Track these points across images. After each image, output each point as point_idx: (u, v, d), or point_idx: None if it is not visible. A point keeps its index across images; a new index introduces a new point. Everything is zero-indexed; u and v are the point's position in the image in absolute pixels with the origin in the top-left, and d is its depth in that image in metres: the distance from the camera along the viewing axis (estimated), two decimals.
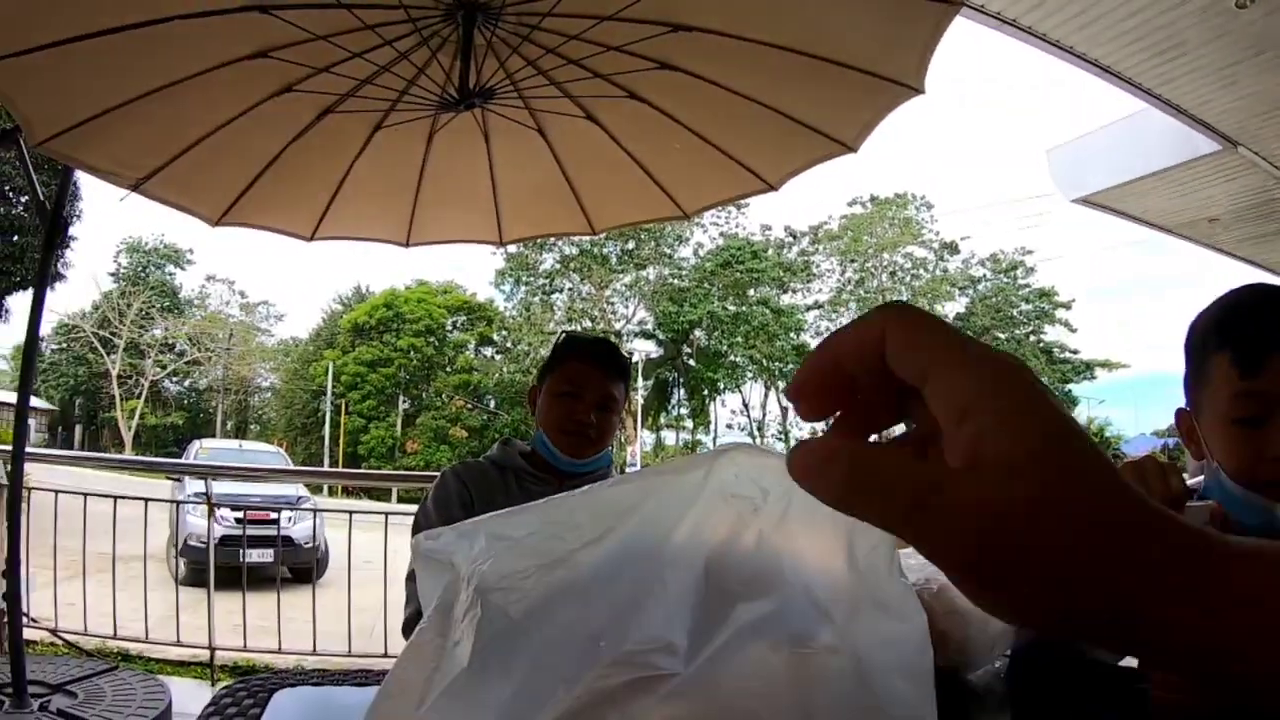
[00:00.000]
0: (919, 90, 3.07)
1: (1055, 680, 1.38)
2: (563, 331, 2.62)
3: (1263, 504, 1.26)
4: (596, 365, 2.49)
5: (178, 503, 10.46)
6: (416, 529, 2.17)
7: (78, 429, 50.17)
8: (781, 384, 45.66)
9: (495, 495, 2.42)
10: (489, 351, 46.75)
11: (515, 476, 2.50)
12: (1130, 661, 1.43)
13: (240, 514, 9.00)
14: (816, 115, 3.42)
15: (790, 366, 44.78)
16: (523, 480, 2.49)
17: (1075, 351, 44.15)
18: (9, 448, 4.45)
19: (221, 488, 10.52)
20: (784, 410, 47.58)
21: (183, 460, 16.80)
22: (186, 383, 51.27)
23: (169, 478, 11.46)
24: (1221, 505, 1.20)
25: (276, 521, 10.09)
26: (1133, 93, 7.84)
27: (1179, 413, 1.46)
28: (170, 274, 50.37)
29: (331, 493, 25.93)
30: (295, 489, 12.34)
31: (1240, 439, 1.30)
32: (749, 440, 45.66)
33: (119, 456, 31.68)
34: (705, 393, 46.37)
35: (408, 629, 2.10)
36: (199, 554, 7.95)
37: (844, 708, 0.78)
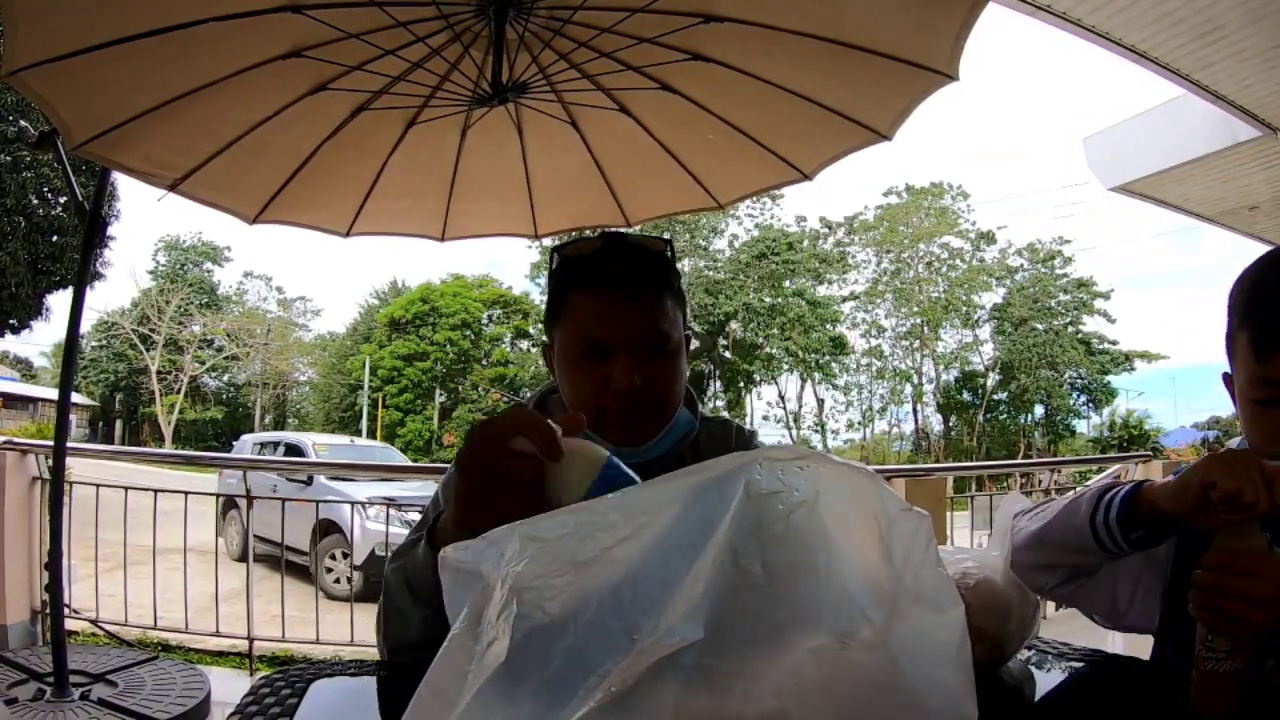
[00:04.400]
0: (953, 77, 3.03)
1: (1091, 679, 1.37)
2: (553, 248, 1.71)
3: None
4: (621, 292, 1.58)
5: (354, 503, 8.83)
6: (436, 503, 1.66)
7: (118, 424, 50.94)
8: (818, 375, 45.61)
9: None
10: (525, 344, 46.97)
11: None
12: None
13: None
14: (850, 104, 3.39)
15: (826, 358, 44.72)
16: None
17: (1114, 342, 43.72)
18: (51, 443, 4.51)
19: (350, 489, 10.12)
20: (820, 402, 47.43)
21: (300, 460, 13.93)
22: (225, 378, 51.90)
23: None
24: None
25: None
26: (1170, 78, 7.74)
27: (1225, 376, 1.45)
28: (208, 271, 51.10)
29: None
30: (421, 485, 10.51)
31: (1258, 417, 1.31)
32: (786, 433, 45.75)
33: (171, 451, 32.18)
34: (741, 385, 46.33)
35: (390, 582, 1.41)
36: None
37: (881, 703, 0.78)
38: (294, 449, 15.09)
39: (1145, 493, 1.24)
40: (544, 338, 1.75)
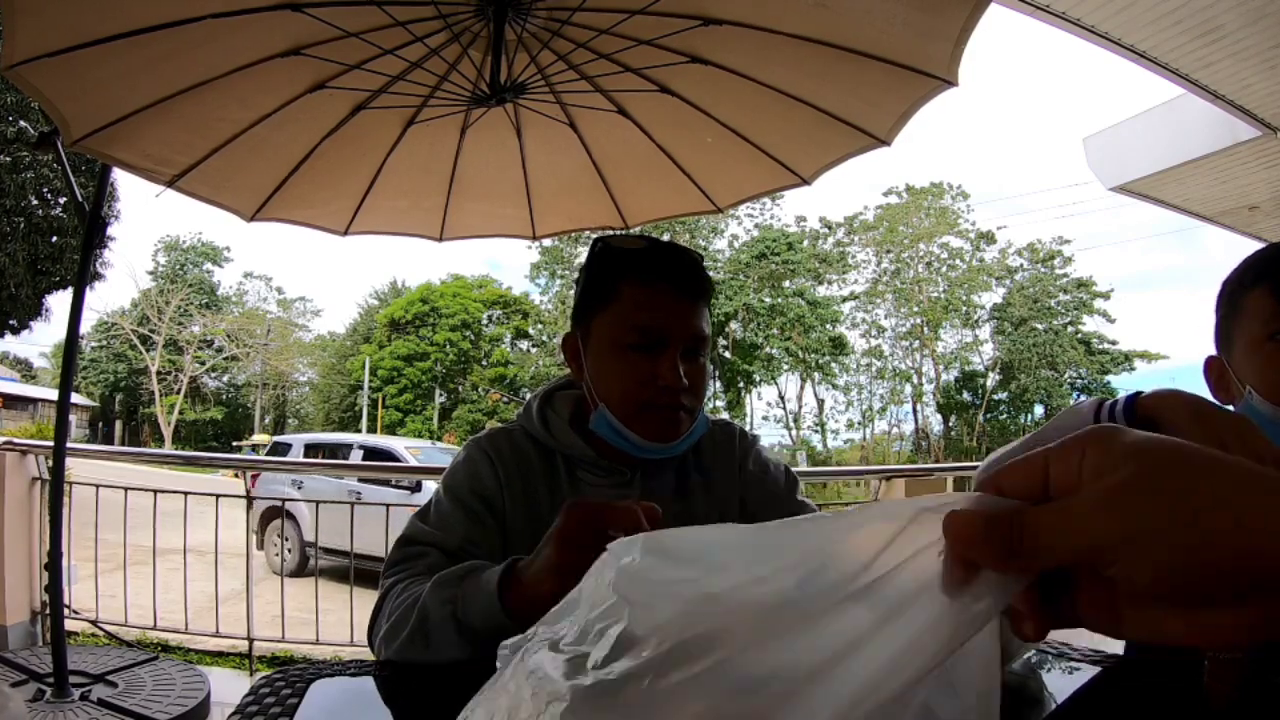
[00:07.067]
0: (953, 83, 3.03)
1: (1093, 679, 1.36)
2: (598, 239, 1.69)
3: None
4: (677, 289, 1.61)
5: None
6: (424, 515, 1.64)
7: (118, 424, 50.96)
8: (818, 375, 45.59)
9: (535, 488, 1.66)
10: (525, 345, 46.98)
11: (566, 465, 1.69)
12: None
13: None
14: (849, 108, 3.38)
15: (826, 358, 44.72)
16: (578, 472, 1.69)
17: (1114, 342, 43.74)
18: (51, 443, 4.51)
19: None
20: (820, 403, 47.43)
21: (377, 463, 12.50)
22: (225, 378, 51.92)
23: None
24: None
25: None
26: (1170, 78, 7.71)
27: (1208, 360, 1.48)
28: (208, 271, 51.18)
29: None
30: None
31: (1275, 355, 1.33)
32: (786, 433, 45.69)
33: (171, 451, 32.17)
34: (741, 385, 46.30)
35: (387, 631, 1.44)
36: None
37: None
38: (382, 454, 13.48)
39: (1143, 400, 1.27)
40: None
